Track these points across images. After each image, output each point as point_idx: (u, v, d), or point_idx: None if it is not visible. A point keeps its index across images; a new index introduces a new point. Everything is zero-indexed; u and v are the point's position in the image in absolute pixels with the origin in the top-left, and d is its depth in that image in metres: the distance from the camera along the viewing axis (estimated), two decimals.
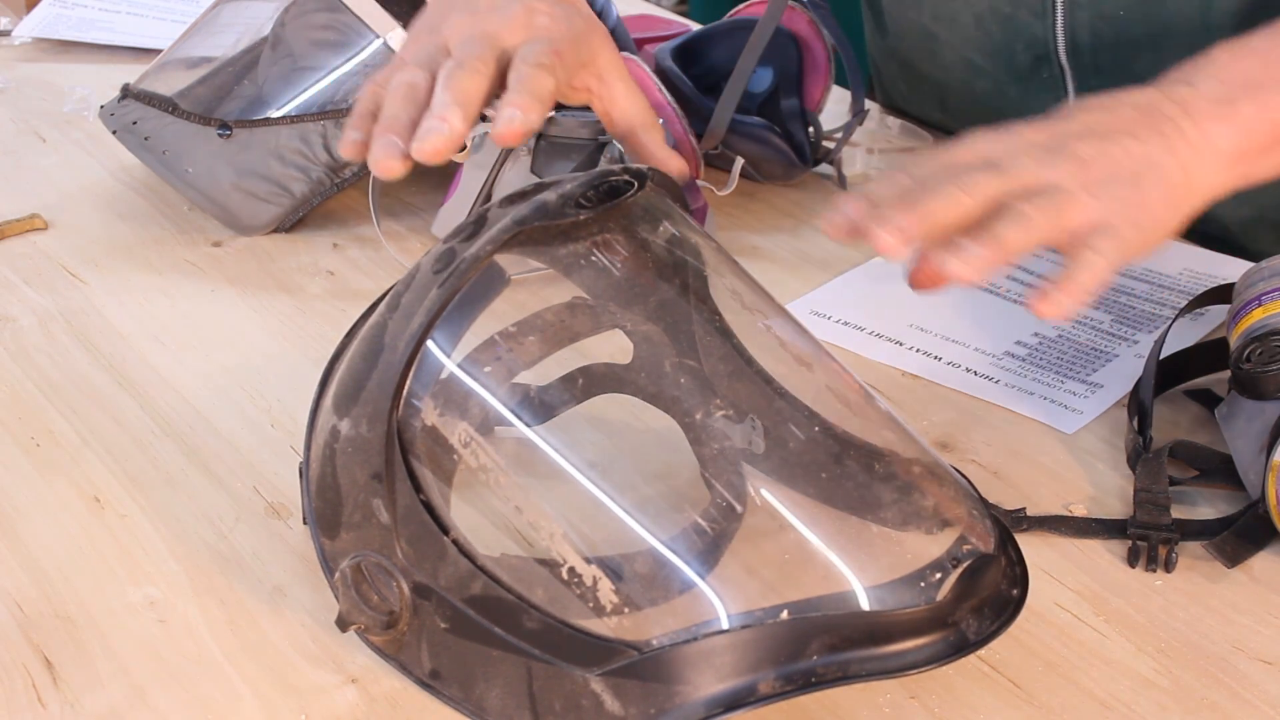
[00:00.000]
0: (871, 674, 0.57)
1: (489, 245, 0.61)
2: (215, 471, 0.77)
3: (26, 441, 0.79)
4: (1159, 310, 0.93)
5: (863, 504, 0.63)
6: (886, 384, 0.86)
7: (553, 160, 0.93)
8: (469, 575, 0.59)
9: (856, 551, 0.61)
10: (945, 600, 0.58)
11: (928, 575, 0.59)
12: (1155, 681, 0.65)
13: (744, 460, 0.64)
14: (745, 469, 0.64)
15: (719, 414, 0.65)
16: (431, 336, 0.61)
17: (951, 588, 0.58)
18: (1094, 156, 0.68)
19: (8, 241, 1.01)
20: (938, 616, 0.58)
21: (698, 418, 0.66)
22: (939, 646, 0.58)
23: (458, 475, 0.65)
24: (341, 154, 0.79)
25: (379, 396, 0.61)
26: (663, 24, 1.28)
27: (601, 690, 0.57)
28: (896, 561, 0.60)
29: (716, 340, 0.66)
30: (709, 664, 0.57)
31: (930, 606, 0.58)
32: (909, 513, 0.63)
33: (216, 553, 0.71)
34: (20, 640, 0.66)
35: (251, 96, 1.04)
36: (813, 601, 0.58)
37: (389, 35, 0.99)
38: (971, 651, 0.58)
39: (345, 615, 0.62)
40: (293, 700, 0.63)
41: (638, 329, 0.68)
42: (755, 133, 1.05)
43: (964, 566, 0.59)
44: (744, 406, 0.65)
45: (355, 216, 1.03)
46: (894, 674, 0.58)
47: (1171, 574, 0.71)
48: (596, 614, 0.59)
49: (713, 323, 0.67)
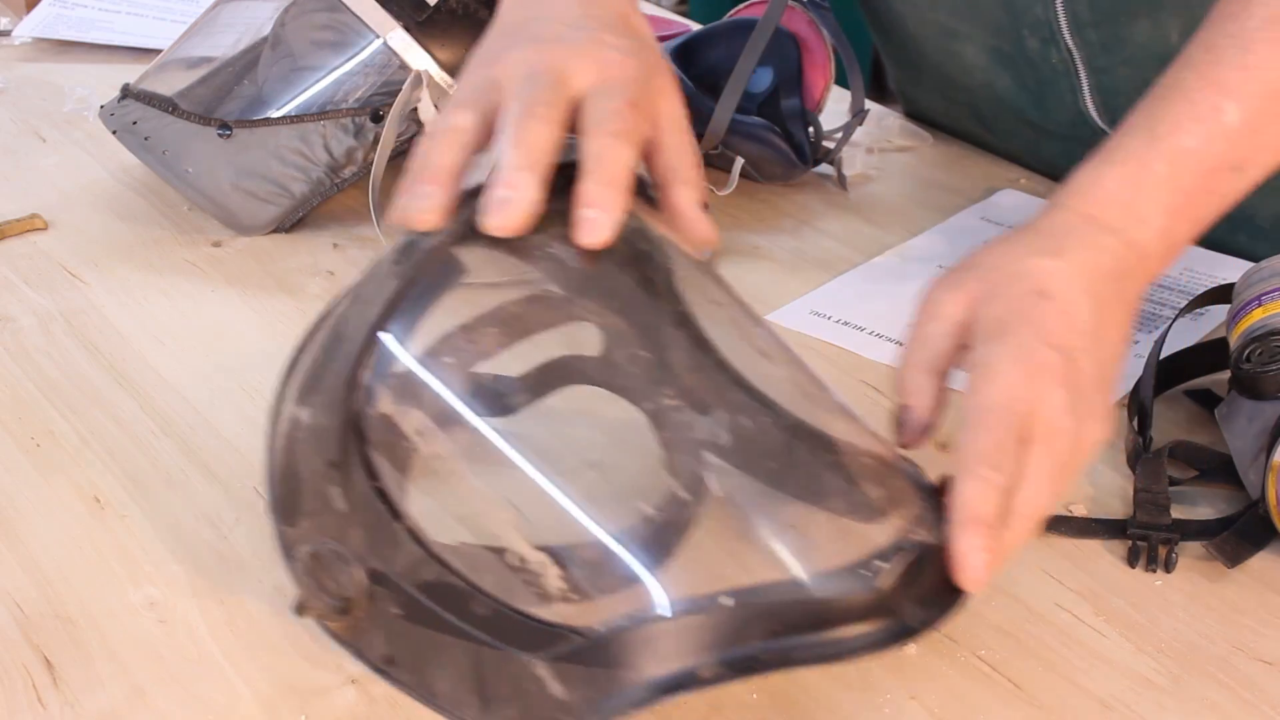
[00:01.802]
0: (812, 660, 0.58)
1: (447, 237, 0.62)
2: (215, 471, 0.77)
3: (26, 441, 0.79)
4: (1159, 310, 0.93)
5: (811, 493, 0.64)
6: (886, 384, 0.86)
7: None
8: (421, 562, 0.60)
9: (801, 540, 0.62)
10: (888, 588, 0.59)
11: (871, 564, 0.59)
12: (1155, 681, 0.65)
13: (704, 450, 0.64)
14: (704, 458, 0.64)
15: (678, 404, 0.65)
16: (389, 326, 0.62)
17: (894, 576, 0.59)
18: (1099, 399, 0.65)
19: (8, 241, 1.01)
20: (880, 604, 0.58)
21: (659, 407, 0.67)
22: (880, 633, 0.58)
23: (413, 464, 0.66)
24: (396, 223, 0.65)
25: (336, 385, 0.62)
26: (663, 24, 1.28)
27: (546, 674, 0.58)
28: (841, 550, 0.61)
29: (679, 332, 0.66)
30: (651, 649, 0.57)
31: (872, 594, 0.58)
32: (856, 502, 0.63)
33: (216, 553, 0.71)
34: (20, 640, 0.66)
35: (251, 96, 1.04)
36: (756, 588, 0.59)
37: (389, 35, 0.99)
38: (912, 638, 0.59)
39: (303, 601, 0.62)
40: (293, 700, 0.63)
41: (602, 321, 0.69)
42: (755, 133, 1.05)
43: (908, 556, 0.59)
44: (704, 397, 0.65)
45: (355, 216, 1.03)
46: (834, 660, 0.58)
47: (1171, 574, 0.71)
48: (543, 600, 0.60)
49: (675, 315, 0.67)
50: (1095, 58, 1.00)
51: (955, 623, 0.67)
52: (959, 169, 1.14)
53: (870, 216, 1.06)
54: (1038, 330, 0.62)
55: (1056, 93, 1.04)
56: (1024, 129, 1.11)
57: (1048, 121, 1.08)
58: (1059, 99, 1.04)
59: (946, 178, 1.12)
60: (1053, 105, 1.05)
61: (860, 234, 1.03)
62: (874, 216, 1.06)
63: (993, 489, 0.59)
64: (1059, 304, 0.63)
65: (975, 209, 1.06)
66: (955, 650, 0.66)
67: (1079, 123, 1.05)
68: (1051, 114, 1.06)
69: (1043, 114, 1.07)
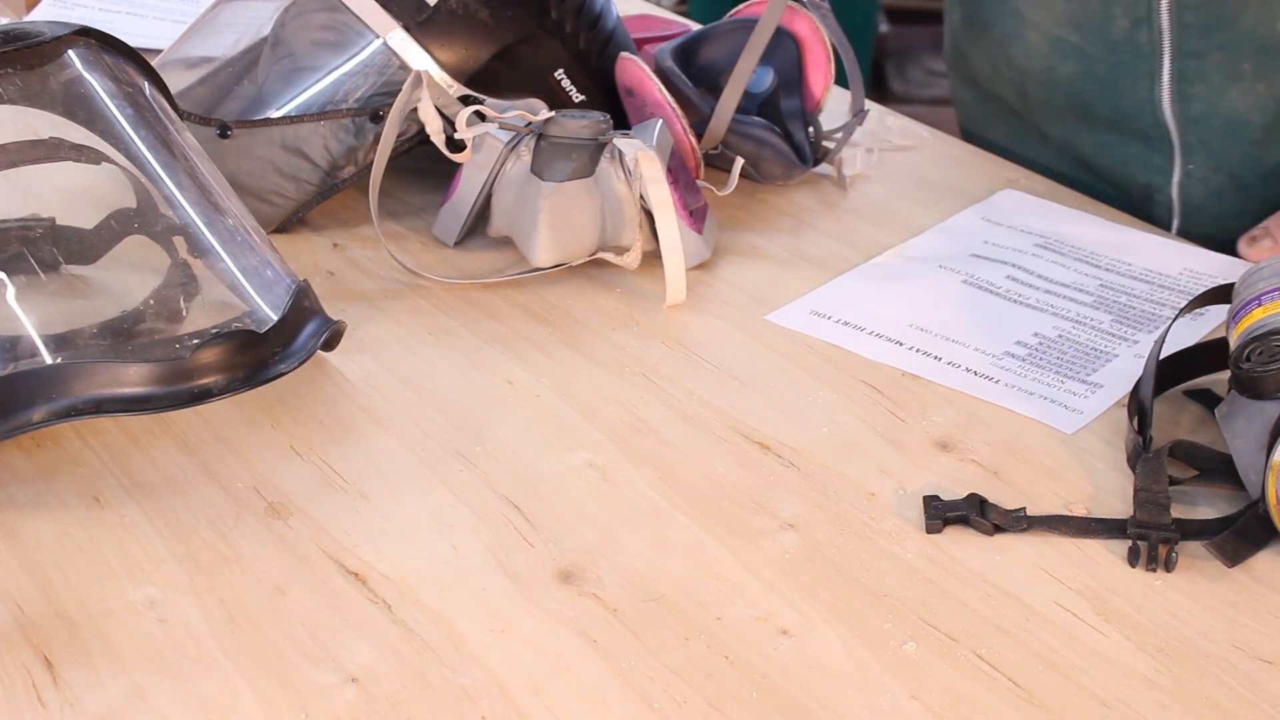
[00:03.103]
0: (119, 412, 0.75)
1: None
2: (215, 471, 0.77)
3: (26, 441, 0.79)
4: (1159, 310, 0.93)
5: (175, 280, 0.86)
6: (886, 384, 0.86)
7: (553, 160, 0.93)
8: None
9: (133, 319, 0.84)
10: (193, 362, 0.76)
11: (185, 340, 0.80)
12: (1155, 681, 0.65)
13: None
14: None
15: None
16: None
17: (206, 353, 0.76)
18: None
19: None
20: (182, 371, 0.76)
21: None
22: (179, 395, 0.75)
23: None
24: None
25: None
26: (663, 24, 1.28)
27: None
28: (163, 328, 0.84)
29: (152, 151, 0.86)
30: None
31: (173, 363, 0.76)
32: (190, 292, 0.85)
33: (216, 553, 0.72)
34: (20, 640, 0.66)
35: (251, 96, 1.04)
36: (81, 351, 0.79)
37: (389, 35, 0.99)
38: (207, 401, 0.76)
39: None
40: (292, 700, 0.63)
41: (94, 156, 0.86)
42: (755, 133, 1.05)
43: (223, 338, 0.77)
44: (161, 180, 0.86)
45: (355, 216, 1.03)
46: (136, 413, 0.75)
47: (1171, 574, 0.71)
48: None
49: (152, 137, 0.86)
50: (1188, 40, 0.99)
51: (955, 623, 0.67)
52: (959, 169, 1.15)
53: (870, 216, 1.06)
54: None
55: (1131, 78, 1.04)
56: (1067, 116, 1.12)
57: (1105, 108, 1.09)
58: (1131, 85, 1.04)
59: (946, 178, 1.12)
60: (1122, 92, 1.06)
61: (860, 234, 1.03)
62: (874, 216, 1.06)
63: None
64: None
65: (975, 209, 1.06)
66: (955, 650, 0.66)
67: (1143, 112, 1.06)
68: (1116, 101, 1.07)
69: (1106, 101, 1.08)
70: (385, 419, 0.82)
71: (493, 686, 0.64)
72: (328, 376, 0.86)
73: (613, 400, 0.83)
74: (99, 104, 0.85)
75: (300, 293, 0.83)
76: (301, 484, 0.76)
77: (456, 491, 0.76)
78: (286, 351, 0.80)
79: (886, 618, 0.68)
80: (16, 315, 0.80)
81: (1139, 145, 1.09)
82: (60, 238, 0.92)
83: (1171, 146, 1.08)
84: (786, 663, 0.65)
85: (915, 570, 0.71)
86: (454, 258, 0.99)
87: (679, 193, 0.94)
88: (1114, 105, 1.08)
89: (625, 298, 0.94)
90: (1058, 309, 0.93)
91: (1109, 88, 1.07)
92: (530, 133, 0.95)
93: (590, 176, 0.93)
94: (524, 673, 0.64)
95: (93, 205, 1.04)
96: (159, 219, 0.89)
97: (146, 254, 0.90)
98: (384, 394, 0.84)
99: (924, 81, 3.21)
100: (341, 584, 0.70)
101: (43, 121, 0.87)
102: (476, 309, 0.93)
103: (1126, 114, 1.08)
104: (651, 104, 1.01)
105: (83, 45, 0.85)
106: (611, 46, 1.05)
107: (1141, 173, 1.11)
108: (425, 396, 0.84)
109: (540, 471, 0.77)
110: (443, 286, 0.95)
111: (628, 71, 1.03)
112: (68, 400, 0.74)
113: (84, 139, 0.87)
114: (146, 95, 0.88)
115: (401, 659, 0.65)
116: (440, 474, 0.77)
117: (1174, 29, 1.02)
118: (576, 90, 1.03)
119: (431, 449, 0.79)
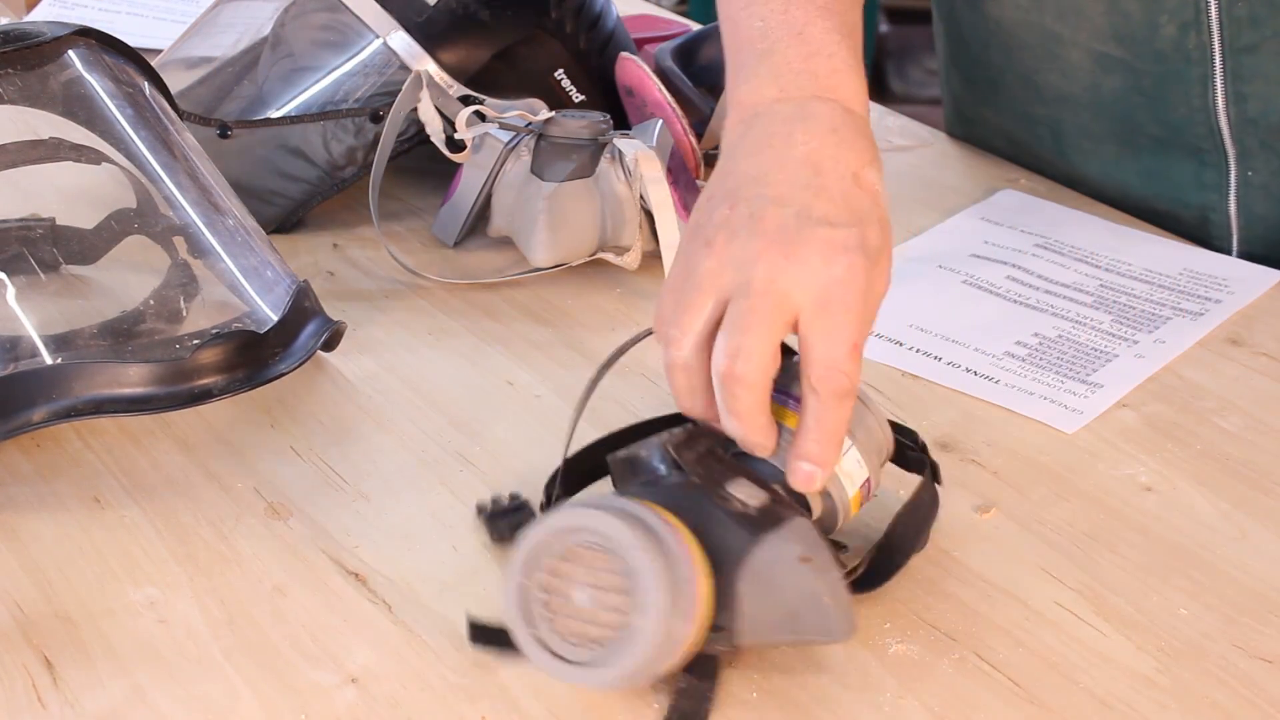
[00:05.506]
0: (120, 413, 0.75)
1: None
2: (215, 472, 0.77)
3: (26, 441, 0.79)
4: (1159, 310, 0.93)
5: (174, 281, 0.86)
6: (886, 384, 0.86)
7: (553, 160, 0.93)
8: None
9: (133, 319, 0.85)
10: (193, 362, 0.75)
11: (185, 340, 0.80)
12: (1155, 681, 0.65)
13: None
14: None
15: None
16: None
17: (206, 354, 0.76)
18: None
19: None
20: (182, 372, 0.75)
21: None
22: (180, 396, 0.75)
23: None
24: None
25: None
26: (663, 24, 1.28)
27: None
28: (163, 328, 0.84)
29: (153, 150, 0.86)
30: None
31: (174, 364, 0.75)
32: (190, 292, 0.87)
33: (216, 553, 0.72)
34: (20, 640, 0.66)
35: (251, 96, 1.04)
36: (82, 351, 0.80)
37: (389, 36, 0.99)
38: (207, 402, 0.76)
39: None
40: (292, 700, 0.63)
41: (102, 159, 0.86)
42: None
43: (223, 339, 0.77)
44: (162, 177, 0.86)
45: (355, 216, 1.03)
46: (136, 413, 0.75)
47: (1171, 573, 0.71)
48: None
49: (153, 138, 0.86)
50: (1240, 35, 0.95)
51: (955, 623, 0.67)
52: (959, 169, 1.14)
53: None
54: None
55: (1181, 87, 0.98)
56: (1109, 145, 1.06)
57: (1153, 125, 1.03)
58: (1183, 95, 0.98)
59: (946, 178, 1.12)
60: (1172, 104, 1.00)
61: None
62: None
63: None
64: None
65: (975, 209, 1.06)
66: (955, 650, 0.66)
67: (1194, 123, 1.00)
68: (1165, 116, 1.01)
69: (1154, 117, 1.02)
70: (385, 419, 0.82)
71: (493, 686, 0.64)
72: (328, 377, 0.86)
73: (613, 400, 0.83)
74: (99, 104, 0.85)
75: (300, 293, 0.83)
76: (301, 484, 0.76)
77: (456, 491, 0.76)
78: (286, 352, 0.80)
79: (886, 617, 0.68)
80: (17, 315, 0.80)
81: (1190, 163, 1.03)
82: (60, 238, 0.92)
83: (1226, 157, 1.01)
84: (787, 661, 0.65)
85: (914, 570, 0.71)
86: (454, 258, 0.99)
87: (679, 193, 0.94)
88: (1163, 120, 1.02)
89: (625, 298, 0.94)
90: (1057, 309, 0.93)
91: (1158, 101, 1.01)
92: (530, 133, 0.95)
93: (590, 177, 0.93)
94: (524, 673, 0.64)
95: (93, 205, 1.04)
96: (159, 219, 0.89)
97: (146, 254, 0.91)
98: (384, 394, 0.84)
99: (924, 81, 3.21)
100: (341, 584, 0.70)
101: (43, 121, 0.87)
102: (476, 309, 0.93)
103: (1176, 128, 1.02)
104: (651, 104, 1.01)
105: (83, 45, 0.85)
106: (611, 46, 1.05)
107: (1194, 194, 1.04)
108: (425, 396, 0.84)
109: (540, 472, 0.77)
110: (443, 286, 0.95)
111: (628, 71, 1.03)
112: (68, 401, 0.74)
113: (84, 139, 0.87)
114: (146, 95, 0.88)
115: (401, 659, 0.65)
116: (440, 474, 0.78)
117: (1224, 26, 0.96)
118: (576, 90, 1.03)
119: (431, 449, 0.79)
